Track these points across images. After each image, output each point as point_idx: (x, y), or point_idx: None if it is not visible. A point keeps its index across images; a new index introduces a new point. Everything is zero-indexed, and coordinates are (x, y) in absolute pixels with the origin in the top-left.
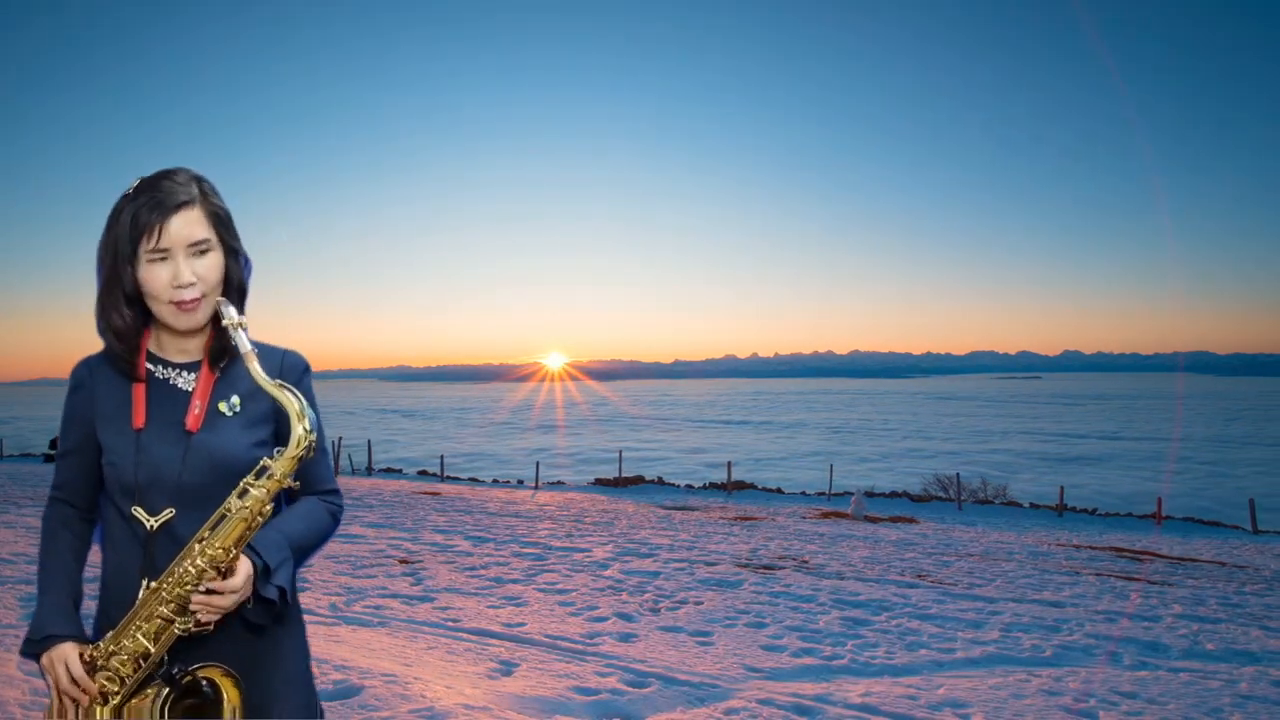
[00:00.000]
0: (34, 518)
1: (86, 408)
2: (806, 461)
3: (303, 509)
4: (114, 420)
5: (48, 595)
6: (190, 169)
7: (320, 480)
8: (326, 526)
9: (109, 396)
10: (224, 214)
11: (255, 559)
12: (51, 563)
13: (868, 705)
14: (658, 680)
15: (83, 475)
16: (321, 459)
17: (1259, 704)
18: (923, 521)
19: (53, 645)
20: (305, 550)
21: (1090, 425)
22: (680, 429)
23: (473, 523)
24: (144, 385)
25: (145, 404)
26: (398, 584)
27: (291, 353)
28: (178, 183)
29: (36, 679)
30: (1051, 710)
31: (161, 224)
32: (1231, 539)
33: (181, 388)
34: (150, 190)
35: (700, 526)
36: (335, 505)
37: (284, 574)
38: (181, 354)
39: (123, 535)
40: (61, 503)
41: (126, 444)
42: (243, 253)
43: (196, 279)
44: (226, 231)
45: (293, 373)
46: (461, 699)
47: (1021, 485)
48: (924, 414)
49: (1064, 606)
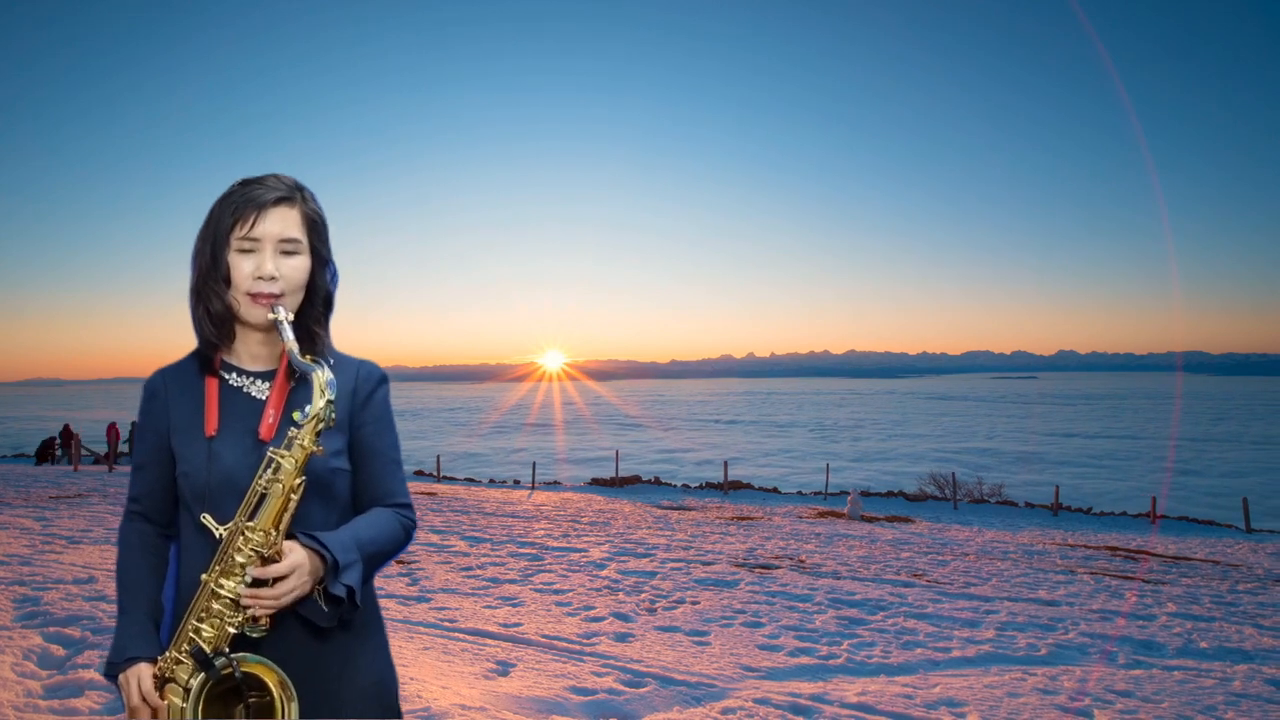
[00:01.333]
0: (26, 519)
1: (161, 417)
2: (803, 461)
3: (372, 518)
4: (187, 428)
5: (128, 615)
6: (291, 177)
7: (392, 493)
8: (397, 536)
9: (183, 405)
10: (321, 221)
11: (324, 552)
12: (131, 581)
13: (864, 704)
14: (654, 680)
15: (159, 487)
16: (394, 472)
17: (1252, 701)
18: (918, 521)
19: (131, 666)
20: (375, 558)
21: (1085, 425)
22: (677, 429)
23: (469, 523)
24: (217, 388)
25: (219, 412)
26: (394, 584)
27: (368, 363)
28: (281, 181)
29: (31, 680)
30: (1047, 708)
31: (257, 215)
32: (1225, 538)
33: (255, 396)
34: (253, 185)
35: (697, 526)
36: (408, 520)
37: (353, 574)
38: (254, 361)
39: (199, 546)
40: (139, 517)
41: (199, 452)
42: (332, 264)
43: (279, 276)
44: (319, 239)
45: (368, 382)
46: (458, 699)
47: (1017, 484)
48: (920, 414)
49: (1059, 605)
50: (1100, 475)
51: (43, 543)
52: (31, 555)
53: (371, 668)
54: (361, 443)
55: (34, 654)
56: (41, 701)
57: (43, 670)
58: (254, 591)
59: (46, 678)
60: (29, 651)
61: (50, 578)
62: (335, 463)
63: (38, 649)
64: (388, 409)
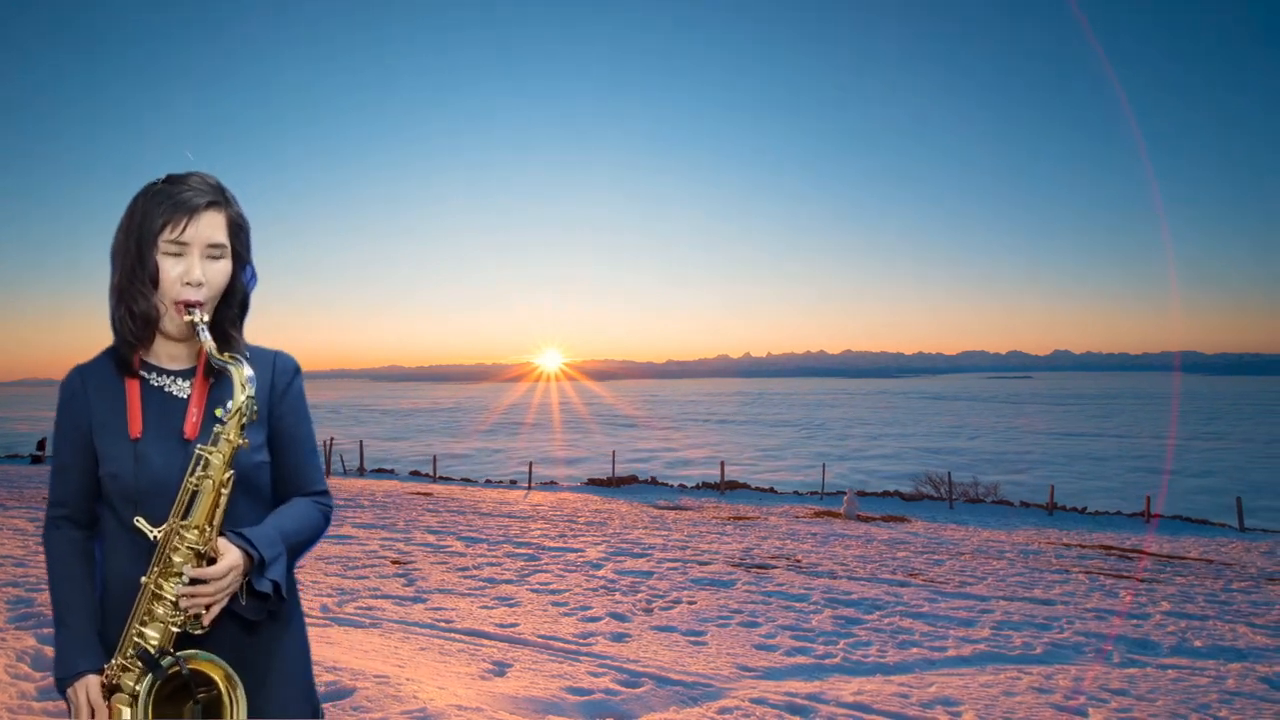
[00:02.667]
0: (19, 519)
1: (82, 417)
2: (799, 461)
3: (294, 509)
4: (110, 429)
5: (68, 628)
6: (214, 176)
7: (310, 481)
8: (318, 525)
9: (103, 404)
10: (244, 224)
11: (250, 549)
12: (66, 592)
13: (860, 704)
14: (651, 680)
15: (82, 489)
16: (312, 461)
17: (1246, 700)
18: (914, 520)
19: (79, 680)
20: (297, 548)
21: (1079, 424)
22: (673, 428)
23: (465, 523)
24: (139, 388)
25: (141, 412)
26: (390, 585)
27: (283, 354)
28: (207, 183)
29: (25, 682)
30: (1042, 707)
31: (188, 219)
32: (1219, 537)
33: (176, 395)
34: (180, 184)
35: (693, 526)
36: (326, 505)
37: (278, 568)
38: (173, 360)
39: (125, 546)
40: (65, 522)
41: (124, 453)
42: (251, 265)
43: (205, 281)
44: (241, 242)
45: (284, 374)
46: (454, 700)
47: (1011, 484)
48: (915, 414)
49: (1054, 604)
50: (1095, 474)
51: (36, 544)
52: (25, 556)
53: (296, 653)
54: (281, 434)
55: (27, 655)
56: (35, 704)
57: (36, 672)
58: (192, 590)
59: (40, 679)
60: (22, 653)
61: (44, 579)
62: (258, 456)
63: (31, 650)
64: (303, 399)
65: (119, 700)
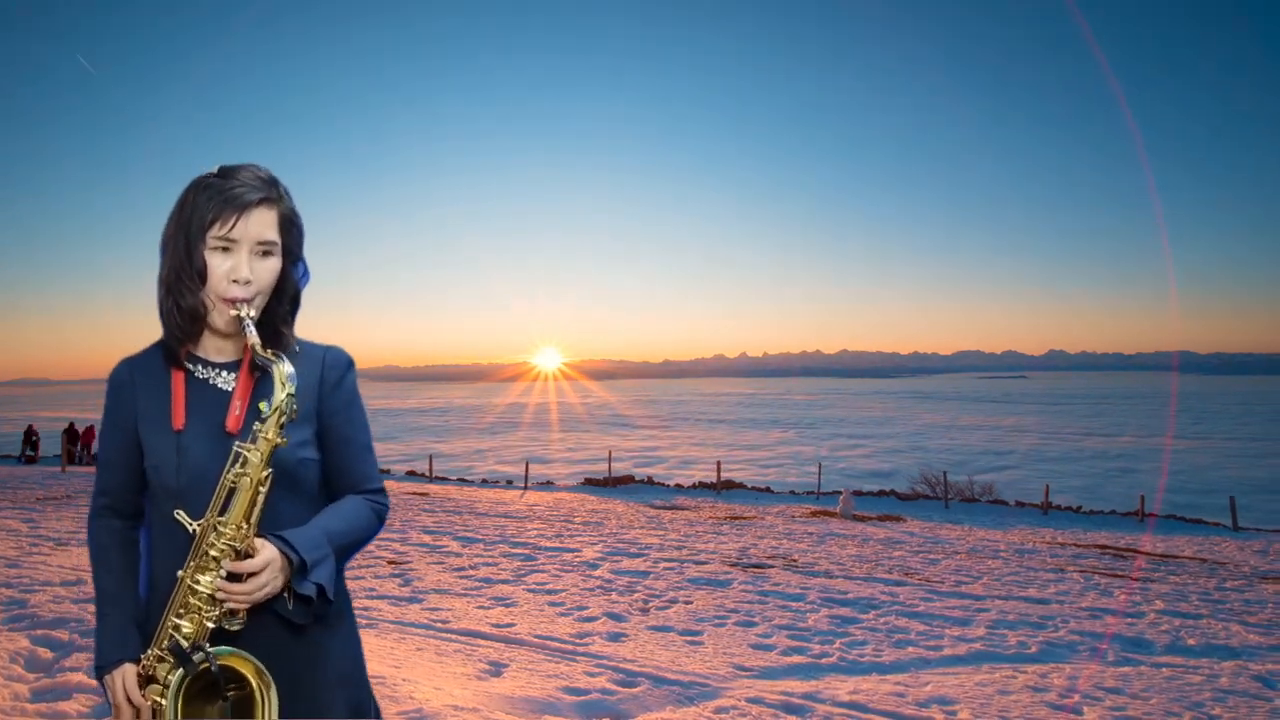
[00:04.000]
0: (13, 520)
1: (129, 409)
2: (795, 460)
3: (345, 507)
4: (155, 421)
5: (109, 619)
6: (266, 169)
7: (365, 479)
8: (370, 524)
9: (150, 397)
10: (296, 220)
11: (290, 553)
12: (106, 581)
13: (856, 703)
14: (647, 680)
15: (128, 481)
16: (365, 457)
17: (1239, 698)
18: (910, 520)
19: (116, 668)
20: (347, 549)
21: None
22: (669, 428)
23: (462, 523)
24: (184, 380)
25: (185, 404)
26: (386, 585)
27: (334, 349)
28: (261, 178)
29: (18, 684)
30: (1037, 706)
31: (239, 216)
32: (1213, 536)
33: (221, 388)
34: (232, 178)
35: (690, 526)
36: (380, 504)
37: (323, 571)
38: (219, 353)
39: (167, 538)
40: (109, 513)
41: (167, 446)
42: (303, 261)
43: (253, 279)
44: (293, 239)
45: (335, 369)
46: (451, 700)
47: (1007, 483)
48: (906, 413)
49: (1049, 603)
50: (1089, 474)
51: (30, 545)
52: (19, 557)
53: (343, 657)
54: (333, 430)
55: (21, 657)
56: (29, 705)
57: (30, 673)
58: (229, 586)
59: (34, 680)
60: (16, 654)
61: (37, 580)
62: (302, 453)
63: (25, 652)
64: (356, 394)
65: (154, 691)
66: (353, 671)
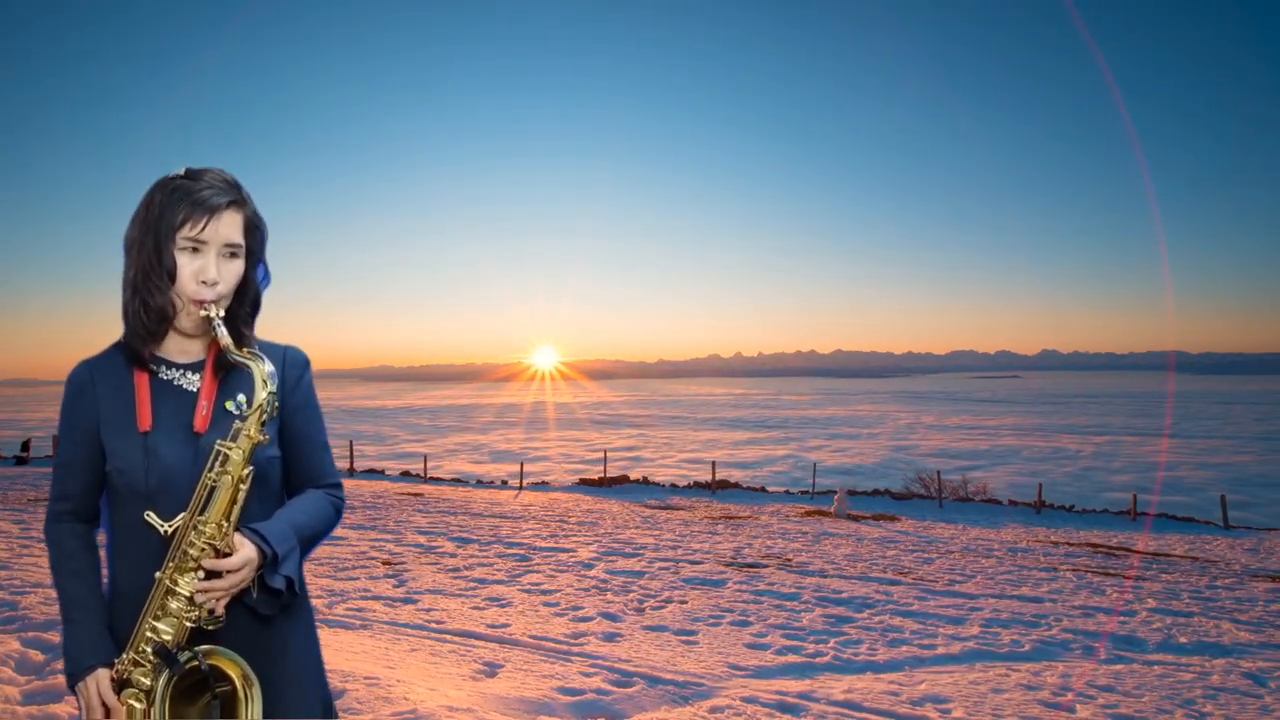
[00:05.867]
0: (4, 521)
1: (90, 411)
2: (789, 460)
3: (306, 501)
4: (118, 423)
5: (79, 625)
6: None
7: (324, 474)
8: (330, 517)
9: (112, 398)
10: (260, 224)
11: (264, 546)
12: (73, 586)
13: (850, 701)
14: (642, 679)
15: (88, 484)
16: (324, 453)
17: (1230, 695)
18: (904, 519)
19: (89, 674)
20: (310, 541)
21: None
22: (664, 428)
23: (456, 524)
24: (148, 382)
25: (151, 405)
26: (380, 586)
27: (293, 348)
28: (227, 181)
29: (9, 686)
30: (1030, 704)
31: (209, 218)
32: (1204, 534)
33: (186, 389)
34: (199, 180)
35: (685, 526)
36: (338, 497)
37: (291, 563)
38: (184, 354)
39: (134, 541)
40: (69, 517)
41: (134, 448)
42: (265, 264)
43: (220, 279)
44: (256, 242)
45: (295, 368)
46: (445, 701)
47: (1000, 482)
48: (906, 412)
49: (1042, 602)
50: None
51: (20, 546)
52: (9, 559)
53: (307, 645)
54: (293, 427)
55: (11, 659)
56: (20, 708)
57: (20, 676)
58: (207, 584)
59: (25, 683)
60: (6, 657)
61: (28, 582)
62: (271, 451)
63: (15, 654)
64: (313, 392)
65: (129, 696)
66: (315, 661)
